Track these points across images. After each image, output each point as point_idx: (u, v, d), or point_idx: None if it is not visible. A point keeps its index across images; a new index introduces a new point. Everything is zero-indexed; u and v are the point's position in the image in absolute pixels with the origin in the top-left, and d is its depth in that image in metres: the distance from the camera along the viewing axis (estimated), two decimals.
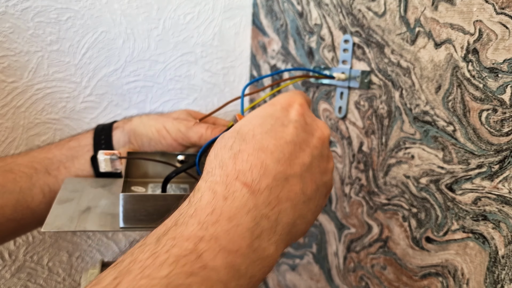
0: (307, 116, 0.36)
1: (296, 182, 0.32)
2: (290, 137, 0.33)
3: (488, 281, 0.40)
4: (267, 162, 0.30)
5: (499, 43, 0.37)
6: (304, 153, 0.33)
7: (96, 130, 0.55)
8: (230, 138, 0.33)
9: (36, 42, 0.54)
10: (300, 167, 0.32)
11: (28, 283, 0.62)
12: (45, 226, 0.39)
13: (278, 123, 0.33)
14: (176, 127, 0.51)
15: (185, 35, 0.66)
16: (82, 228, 0.39)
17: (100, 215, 0.42)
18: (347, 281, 0.59)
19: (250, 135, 0.32)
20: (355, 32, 0.52)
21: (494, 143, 0.39)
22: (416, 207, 0.47)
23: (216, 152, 0.32)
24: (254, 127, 0.33)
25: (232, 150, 0.31)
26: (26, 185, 0.49)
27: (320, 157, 0.35)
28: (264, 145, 0.31)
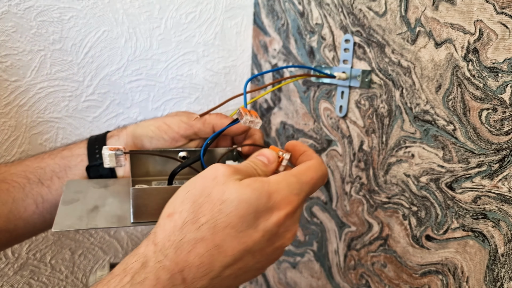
0: (283, 227, 0.34)
1: (227, 280, 0.33)
2: (252, 244, 0.32)
3: (488, 279, 0.41)
4: (216, 264, 0.31)
5: (499, 43, 0.38)
6: (253, 259, 0.33)
7: (89, 140, 0.55)
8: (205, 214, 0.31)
9: (39, 41, 0.55)
10: (239, 270, 0.33)
11: (31, 280, 0.63)
12: (55, 226, 0.38)
13: (254, 225, 0.32)
14: (178, 119, 0.51)
15: (187, 34, 0.66)
16: (94, 225, 0.39)
17: (108, 213, 0.42)
18: (348, 278, 0.59)
19: (222, 225, 0.31)
20: (356, 32, 0.52)
21: (494, 142, 0.39)
22: (416, 206, 0.47)
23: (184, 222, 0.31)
24: (234, 217, 0.31)
25: (198, 232, 0.31)
26: (19, 196, 0.49)
27: (265, 260, 0.35)
28: (224, 246, 0.31)
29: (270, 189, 0.33)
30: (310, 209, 0.65)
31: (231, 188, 0.32)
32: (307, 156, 0.40)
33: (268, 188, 0.33)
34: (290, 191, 0.34)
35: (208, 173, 0.33)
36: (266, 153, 0.40)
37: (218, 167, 0.34)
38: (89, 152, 0.53)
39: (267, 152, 0.40)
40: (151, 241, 0.32)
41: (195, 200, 0.32)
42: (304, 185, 0.36)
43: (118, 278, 0.30)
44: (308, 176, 0.36)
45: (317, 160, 0.39)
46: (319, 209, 0.64)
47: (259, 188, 0.32)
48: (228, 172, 0.33)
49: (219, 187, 0.32)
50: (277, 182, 0.34)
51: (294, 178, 0.35)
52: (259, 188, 0.32)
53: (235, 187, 0.32)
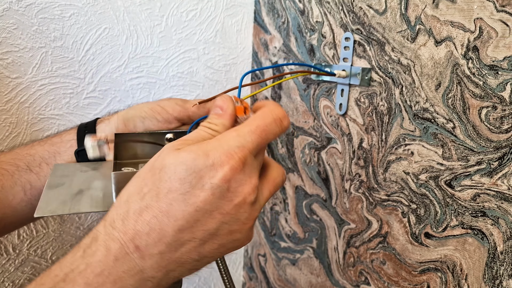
0: (234, 181, 0.32)
1: (193, 246, 0.32)
2: (202, 204, 0.31)
3: (487, 277, 0.41)
4: (167, 229, 0.31)
5: (499, 41, 0.38)
6: (213, 220, 0.32)
7: (79, 127, 0.54)
8: (147, 184, 0.32)
9: (40, 38, 0.55)
10: (202, 233, 0.32)
11: (32, 276, 0.63)
12: (38, 211, 0.38)
13: (198, 185, 0.31)
14: (173, 101, 0.51)
15: (188, 32, 0.66)
16: (76, 210, 0.38)
17: (93, 197, 0.41)
18: (347, 275, 0.59)
19: (164, 191, 0.31)
20: (356, 30, 0.52)
21: (494, 140, 0.39)
22: (416, 203, 0.47)
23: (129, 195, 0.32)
24: (174, 181, 0.31)
25: (142, 201, 0.31)
26: (8, 183, 0.49)
27: (233, 222, 0.33)
28: (172, 210, 0.31)
29: (206, 148, 0.32)
30: (310, 206, 0.66)
31: (169, 157, 0.32)
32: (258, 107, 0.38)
33: (204, 148, 0.32)
34: (229, 145, 0.33)
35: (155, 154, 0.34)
36: (218, 102, 0.37)
37: (164, 146, 0.34)
38: (78, 137, 0.52)
39: (219, 101, 0.37)
40: (102, 220, 0.32)
41: (139, 174, 0.33)
42: (247, 135, 0.34)
43: (71, 254, 0.30)
44: (252, 125, 0.34)
45: (268, 107, 0.36)
46: (318, 207, 0.64)
47: (195, 149, 0.32)
48: (170, 145, 0.33)
49: (160, 159, 0.32)
50: (215, 140, 0.33)
51: (234, 132, 0.34)
52: (195, 150, 0.32)
53: (173, 154, 0.32)
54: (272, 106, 0.36)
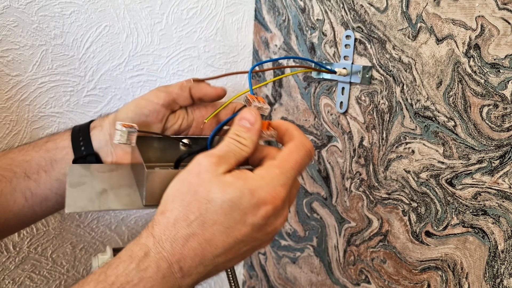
0: (272, 217, 0.36)
1: (223, 264, 0.36)
2: (241, 237, 0.35)
3: (488, 276, 0.41)
4: (207, 255, 0.34)
5: (501, 39, 0.37)
6: (246, 246, 0.36)
7: (73, 131, 0.54)
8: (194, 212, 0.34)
9: (40, 36, 0.55)
10: (233, 255, 0.36)
11: (32, 274, 0.63)
12: (68, 207, 0.38)
13: (241, 221, 0.35)
14: (154, 91, 0.51)
15: (188, 30, 0.66)
16: (106, 207, 0.40)
17: (118, 196, 0.42)
18: (347, 274, 0.59)
19: (210, 222, 0.34)
20: (357, 28, 0.52)
21: (495, 139, 0.39)
22: (416, 202, 0.47)
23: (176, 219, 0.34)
24: (220, 215, 0.34)
25: (189, 228, 0.34)
26: (7, 190, 0.49)
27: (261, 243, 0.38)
28: (214, 239, 0.34)
29: (252, 186, 0.35)
30: (310, 204, 0.66)
31: (215, 187, 0.34)
32: (289, 136, 0.40)
33: (250, 186, 0.34)
34: (274, 185, 0.35)
35: (192, 169, 0.36)
36: (246, 115, 0.39)
37: (200, 161, 0.36)
38: (73, 145, 0.52)
39: (247, 114, 0.39)
40: (150, 233, 0.34)
41: (183, 198, 0.35)
42: (289, 172, 0.37)
43: (125, 263, 0.33)
44: (291, 161, 0.37)
45: (299, 139, 0.39)
46: (319, 205, 0.64)
47: (241, 186, 0.34)
48: (210, 168, 0.35)
49: (204, 186, 0.34)
50: (260, 177, 0.35)
51: (277, 169, 0.36)
52: (241, 187, 0.34)
53: (219, 186, 0.34)
54: (303, 139, 0.39)
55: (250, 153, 0.38)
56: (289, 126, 0.40)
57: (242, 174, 0.35)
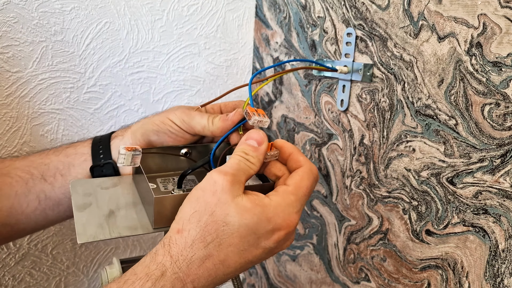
0: (283, 241, 0.38)
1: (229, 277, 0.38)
2: (252, 258, 0.37)
3: (488, 275, 0.41)
4: (219, 274, 0.36)
5: (503, 37, 0.37)
6: (252, 264, 0.38)
7: (94, 140, 0.55)
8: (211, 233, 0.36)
9: (40, 32, 0.55)
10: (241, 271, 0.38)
11: (32, 271, 0.63)
12: (80, 237, 0.39)
13: (254, 244, 0.37)
14: (179, 117, 0.51)
15: (189, 27, 0.66)
16: (117, 234, 0.40)
17: (126, 218, 0.43)
18: (347, 272, 0.59)
19: (226, 244, 0.36)
20: (358, 25, 0.52)
21: (496, 137, 0.39)
22: (417, 200, 0.47)
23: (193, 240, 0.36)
24: (236, 238, 0.36)
25: (206, 250, 0.36)
26: (22, 191, 0.49)
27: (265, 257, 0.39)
28: (227, 260, 0.36)
29: (269, 213, 0.37)
30: (310, 202, 0.66)
31: (232, 211, 0.36)
32: (296, 162, 0.42)
33: (267, 213, 0.36)
34: (290, 212, 0.38)
35: (207, 187, 0.37)
36: (253, 135, 0.41)
37: (215, 179, 0.37)
38: (93, 152, 0.53)
39: (255, 135, 0.41)
40: (167, 252, 0.36)
41: (200, 218, 0.36)
42: (302, 198, 0.39)
43: (141, 281, 0.34)
44: (304, 188, 0.39)
45: (307, 166, 0.41)
46: (319, 203, 0.64)
47: (259, 213, 0.36)
48: (226, 187, 0.36)
49: (222, 208, 0.36)
50: (277, 205, 0.37)
51: (292, 196, 0.38)
52: (259, 214, 0.36)
53: (237, 210, 0.36)
54: (310, 165, 0.41)
55: (256, 171, 0.40)
56: (293, 150, 0.42)
57: (260, 201, 0.37)
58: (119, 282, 0.35)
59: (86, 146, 0.54)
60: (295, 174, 0.40)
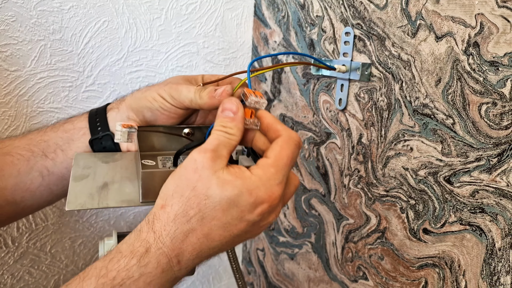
0: (267, 213, 0.38)
1: (216, 252, 0.38)
2: (237, 231, 0.37)
3: (485, 273, 0.41)
4: (204, 248, 0.36)
5: (500, 37, 0.37)
6: (239, 238, 0.38)
7: (90, 114, 0.55)
8: (193, 207, 0.35)
9: (39, 31, 0.55)
10: (227, 246, 0.38)
11: (31, 269, 0.63)
12: (68, 205, 0.40)
13: (238, 217, 0.36)
14: (168, 92, 0.50)
15: (187, 26, 0.66)
16: (105, 204, 0.40)
17: (118, 191, 0.43)
18: (345, 270, 0.60)
19: (209, 218, 0.36)
20: (357, 25, 0.52)
21: (493, 137, 0.39)
22: (414, 199, 0.47)
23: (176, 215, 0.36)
24: (218, 211, 0.36)
25: (188, 224, 0.35)
26: (24, 168, 0.50)
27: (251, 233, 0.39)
28: (212, 234, 0.36)
29: (250, 186, 0.36)
30: (309, 201, 0.66)
31: (214, 184, 0.35)
32: (275, 131, 0.40)
33: (248, 186, 0.36)
34: (271, 185, 0.37)
35: (188, 165, 0.37)
36: (227, 105, 0.40)
37: (195, 157, 0.36)
38: (90, 126, 0.53)
39: (228, 104, 0.40)
40: (150, 228, 0.36)
41: (182, 194, 0.36)
42: (283, 169, 0.38)
43: (126, 259, 0.34)
44: (284, 158, 0.38)
45: (286, 134, 0.40)
46: (317, 202, 0.64)
47: (240, 186, 0.36)
48: (207, 164, 0.36)
49: (203, 182, 0.36)
50: (257, 178, 0.37)
51: (272, 169, 0.37)
52: (239, 186, 0.36)
53: (218, 183, 0.35)
54: (289, 132, 0.40)
55: (238, 140, 0.39)
56: (270, 120, 0.41)
57: (240, 173, 0.37)
58: (104, 261, 0.35)
59: (83, 120, 0.54)
60: (274, 145, 0.39)
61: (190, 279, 0.85)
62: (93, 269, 0.34)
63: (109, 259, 0.35)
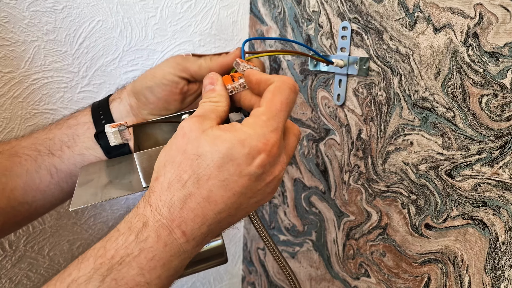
0: (268, 165, 0.35)
1: (227, 220, 0.35)
2: (239, 189, 0.34)
3: (488, 267, 0.40)
4: (208, 213, 0.34)
5: (500, 27, 0.37)
6: (246, 198, 0.35)
7: (93, 107, 0.54)
8: (186, 171, 0.33)
9: (32, 31, 0.54)
10: (235, 209, 0.35)
11: (29, 273, 0.62)
12: (72, 205, 0.39)
13: (236, 173, 0.34)
14: (174, 60, 0.50)
15: (183, 24, 0.65)
16: (107, 197, 0.40)
17: (121, 184, 0.42)
18: (347, 268, 0.59)
19: (205, 178, 0.33)
20: (354, 19, 0.51)
21: (495, 129, 0.38)
22: (415, 194, 0.47)
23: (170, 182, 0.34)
24: (213, 168, 0.33)
25: (184, 189, 0.33)
26: (32, 168, 0.50)
27: (263, 194, 0.36)
28: (212, 196, 0.33)
29: (241, 136, 0.34)
30: (309, 198, 0.65)
31: (203, 142, 0.33)
32: (266, 82, 0.38)
33: (239, 136, 0.34)
34: (264, 132, 0.34)
35: (177, 133, 0.35)
36: (205, 81, 0.40)
37: (182, 124, 0.35)
38: (94, 119, 0.52)
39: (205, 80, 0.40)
40: (146, 202, 0.34)
41: (173, 160, 0.34)
42: (277, 115, 0.35)
43: (124, 236, 0.32)
44: (277, 103, 0.36)
45: (278, 79, 0.37)
46: (317, 199, 0.63)
47: (230, 138, 0.33)
48: (194, 126, 0.34)
49: (192, 143, 0.34)
50: (249, 127, 0.34)
51: (264, 116, 0.35)
52: (230, 138, 0.33)
53: (207, 140, 0.33)
54: (281, 77, 0.37)
55: (226, 106, 0.38)
56: (258, 75, 0.39)
57: (230, 126, 0.35)
58: (102, 241, 0.33)
59: (86, 115, 0.53)
60: (266, 92, 0.37)
61: (191, 280, 0.84)
62: (91, 250, 0.33)
63: (107, 239, 0.33)
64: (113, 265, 0.31)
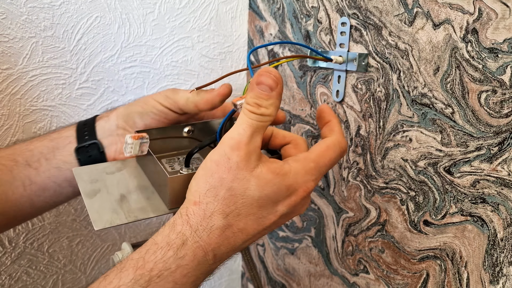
0: (298, 205, 0.39)
1: (247, 244, 0.39)
2: (269, 224, 0.37)
3: (487, 264, 0.40)
4: (239, 241, 0.37)
5: (499, 22, 0.37)
6: (268, 230, 0.39)
7: (78, 124, 0.55)
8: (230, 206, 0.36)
9: (30, 28, 0.54)
10: (258, 237, 0.39)
11: (28, 269, 0.63)
12: (96, 224, 0.38)
13: (272, 210, 0.37)
14: (164, 94, 0.51)
15: (181, 20, 0.65)
16: (134, 218, 0.40)
17: (139, 202, 0.42)
18: (346, 264, 0.59)
19: (245, 214, 0.36)
20: (353, 14, 0.51)
21: (494, 125, 0.38)
22: (414, 191, 0.47)
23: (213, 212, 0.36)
24: (255, 209, 0.36)
25: (225, 220, 0.36)
26: (7, 178, 0.49)
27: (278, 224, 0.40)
28: (246, 228, 0.37)
29: (288, 181, 0.36)
30: None
31: (253, 185, 0.35)
32: (329, 130, 0.41)
33: (287, 182, 0.36)
34: (308, 179, 0.37)
35: (220, 162, 0.35)
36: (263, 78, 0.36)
37: (228, 155, 0.35)
38: (78, 134, 0.52)
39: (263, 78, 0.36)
40: (185, 222, 0.36)
41: (217, 193, 0.36)
42: (322, 168, 0.39)
43: (163, 250, 0.34)
44: (326, 158, 0.39)
45: (337, 136, 0.40)
46: (316, 195, 0.63)
47: (279, 183, 0.36)
48: (241, 164, 0.35)
49: (240, 183, 0.35)
50: (296, 172, 0.37)
51: (313, 164, 0.38)
52: (279, 184, 0.36)
53: (257, 184, 0.35)
54: (341, 138, 0.41)
55: (272, 120, 0.37)
56: (332, 117, 0.42)
57: (280, 169, 0.36)
58: (140, 252, 0.35)
59: (70, 130, 0.54)
60: (322, 142, 0.40)
61: None
62: (129, 260, 0.34)
63: (145, 250, 0.35)
64: (152, 277, 0.33)
